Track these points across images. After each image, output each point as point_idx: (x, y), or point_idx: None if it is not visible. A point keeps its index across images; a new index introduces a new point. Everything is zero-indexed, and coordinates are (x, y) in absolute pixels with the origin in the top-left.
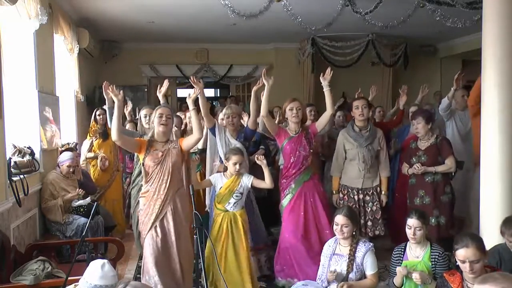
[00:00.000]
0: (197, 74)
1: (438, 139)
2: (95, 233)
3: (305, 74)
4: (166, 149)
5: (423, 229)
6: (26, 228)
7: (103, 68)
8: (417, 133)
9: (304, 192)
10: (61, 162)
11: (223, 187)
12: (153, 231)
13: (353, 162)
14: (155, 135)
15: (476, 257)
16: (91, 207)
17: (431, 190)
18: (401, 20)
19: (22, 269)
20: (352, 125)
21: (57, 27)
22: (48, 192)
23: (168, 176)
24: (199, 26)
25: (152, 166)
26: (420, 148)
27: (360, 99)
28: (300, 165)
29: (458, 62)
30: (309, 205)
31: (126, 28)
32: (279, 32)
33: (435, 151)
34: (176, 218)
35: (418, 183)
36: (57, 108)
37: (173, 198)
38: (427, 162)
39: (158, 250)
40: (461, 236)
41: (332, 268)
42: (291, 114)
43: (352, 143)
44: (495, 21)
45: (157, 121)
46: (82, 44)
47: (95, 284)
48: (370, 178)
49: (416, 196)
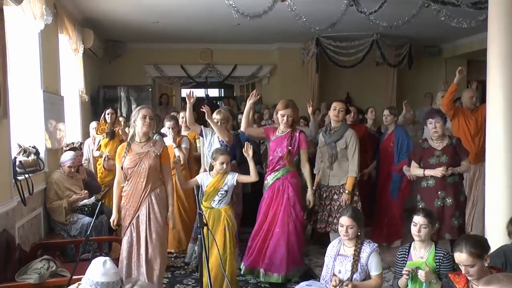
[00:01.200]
0: (201, 74)
1: (452, 139)
2: (100, 232)
3: (309, 74)
4: (144, 152)
5: (429, 228)
6: (31, 227)
7: (107, 68)
8: (435, 132)
9: (273, 188)
10: (62, 162)
11: (209, 185)
12: (131, 227)
13: (323, 159)
14: (136, 135)
15: (469, 262)
16: (95, 207)
17: (453, 191)
18: (405, 20)
19: (27, 268)
20: (328, 125)
21: (62, 27)
22: (52, 192)
23: (144, 177)
24: (203, 26)
25: (130, 168)
26: (435, 148)
27: (339, 101)
28: (275, 164)
29: (463, 63)
30: (280, 201)
31: (131, 28)
32: (283, 32)
33: (453, 151)
34: (151, 217)
35: (438, 185)
36: (61, 107)
37: (149, 198)
38: (447, 163)
39: (131, 245)
40: (460, 239)
41: (336, 269)
42: (282, 120)
43: (322, 141)
44: (501, 21)
45: (141, 122)
46: (87, 44)
47: (97, 281)
48: (335, 176)
49: (437, 198)
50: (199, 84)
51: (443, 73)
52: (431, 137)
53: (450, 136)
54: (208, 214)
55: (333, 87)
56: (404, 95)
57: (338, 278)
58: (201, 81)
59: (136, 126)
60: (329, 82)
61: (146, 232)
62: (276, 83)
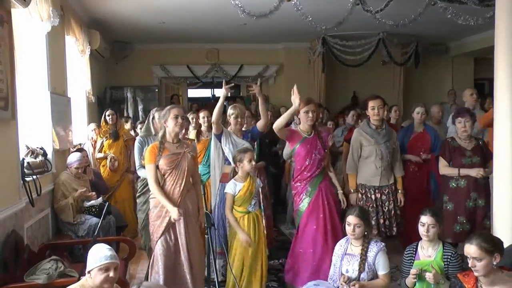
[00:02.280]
0: (207, 74)
1: (479, 140)
2: (107, 233)
3: (315, 73)
4: (181, 152)
5: (437, 227)
6: (39, 228)
7: (114, 69)
8: (464, 132)
9: (321, 195)
10: (69, 164)
11: (242, 190)
12: (166, 234)
13: (369, 159)
14: (168, 135)
15: (477, 255)
16: (102, 207)
17: (484, 192)
18: (412, 18)
19: (35, 268)
20: (367, 123)
21: (69, 28)
22: (60, 193)
23: (183, 179)
24: (209, 26)
25: (169, 169)
26: (466, 148)
27: (375, 99)
28: (315, 167)
29: (470, 61)
30: (326, 207)
31: (137, 29)
32: (290, 31)
33: (482, 153)
34: (188, 220)
35: (471, 185)
36: (69, 109)
37: (185, 201)
38: (480, 164)
39: (170, 254)
40: (474, 232)
41: (344, 268)
42: (306, 117)
43: (369, 140)
44: (508, 18)
45: (173, 122)
46: (93, 45)
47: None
48: (386, 176)
49: (469, 199)
50: (206, 84)
51: (450, 71)
52: (459, 136)
53: (475, 137)
54: (245, 219)
55: (339, 86)
56: (411, 93)
57: (346, 276)
58: (207, 81)
59: (168, 126)
60: (335, 81)
61: (185, 237)
62: (282, 83)
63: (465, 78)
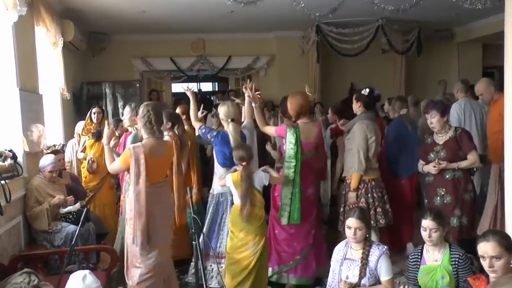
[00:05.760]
0: (193, 67)
1: (457, 131)
2: (86, 242)
3: (309, 64)
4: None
5: (440, 231)
6: (10, 238)
7: (90, 63)
8: (433, 128)
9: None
10: (42, 167)
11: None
12: None
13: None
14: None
15: (496, 253)
16: (80, 213)
17: (452, 188)
18: (413, 2)
19: (5, 282)
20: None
21: (39, 18)
22: (33, 199)
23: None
24: (194, 15)
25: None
26: (437, 142)
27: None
28: None
29: (478, 47)
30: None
31: (115, 18)
32: (281, 19)
33: (455, 145)
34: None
35: (437, 181)
36: (40, 107)
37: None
38: (446, 158)
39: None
40: (486, 231)
41: (343, 274)
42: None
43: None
44: None
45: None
46: (67, 37)
47: None
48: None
49: (436, 195)
50: (191, 78)
51: (455, 59)
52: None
53: (456, 128)
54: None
55: (335, 77)
56: (413, 84)
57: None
58: (193, 75)
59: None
60: (331, 72)
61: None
62: (274, 75)
63: (473, 66)
